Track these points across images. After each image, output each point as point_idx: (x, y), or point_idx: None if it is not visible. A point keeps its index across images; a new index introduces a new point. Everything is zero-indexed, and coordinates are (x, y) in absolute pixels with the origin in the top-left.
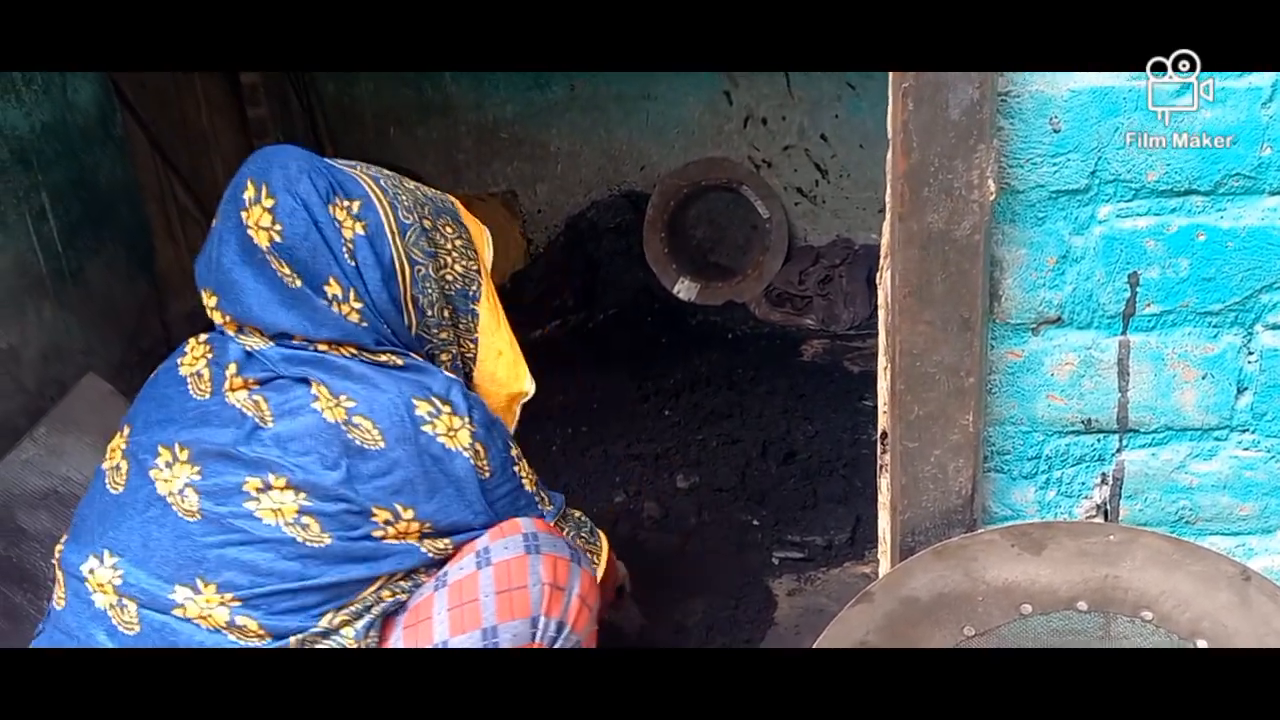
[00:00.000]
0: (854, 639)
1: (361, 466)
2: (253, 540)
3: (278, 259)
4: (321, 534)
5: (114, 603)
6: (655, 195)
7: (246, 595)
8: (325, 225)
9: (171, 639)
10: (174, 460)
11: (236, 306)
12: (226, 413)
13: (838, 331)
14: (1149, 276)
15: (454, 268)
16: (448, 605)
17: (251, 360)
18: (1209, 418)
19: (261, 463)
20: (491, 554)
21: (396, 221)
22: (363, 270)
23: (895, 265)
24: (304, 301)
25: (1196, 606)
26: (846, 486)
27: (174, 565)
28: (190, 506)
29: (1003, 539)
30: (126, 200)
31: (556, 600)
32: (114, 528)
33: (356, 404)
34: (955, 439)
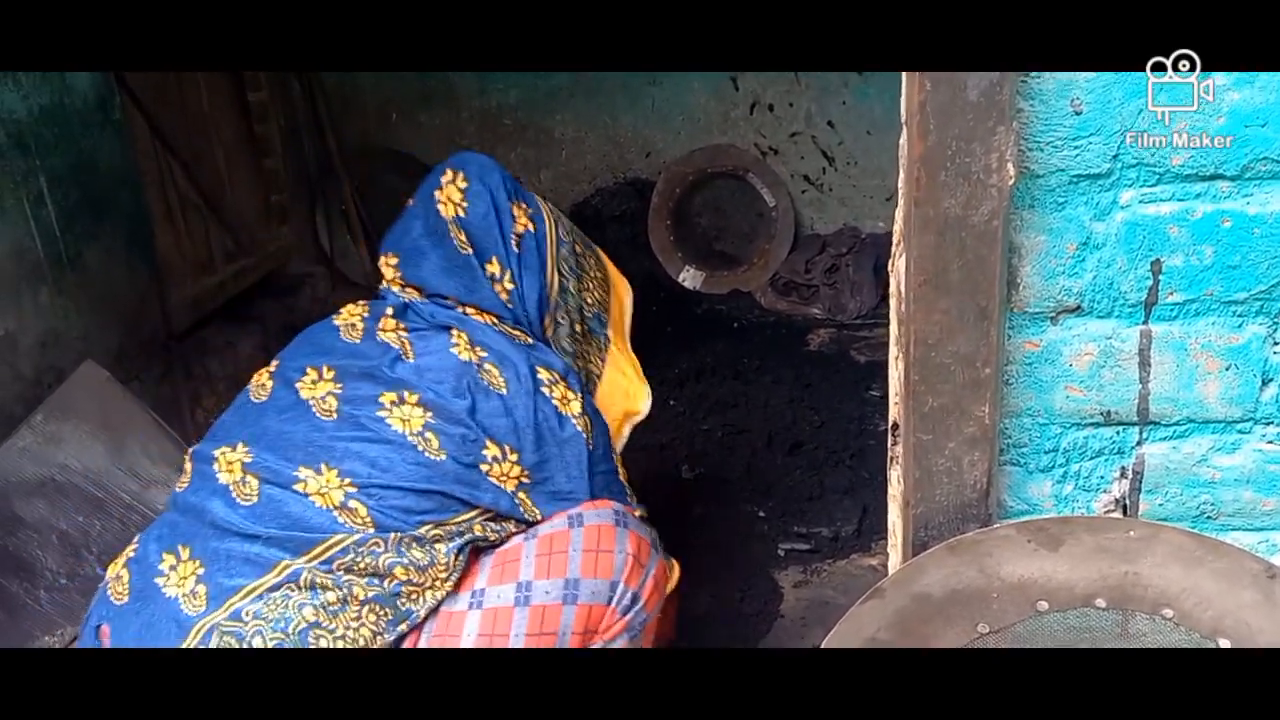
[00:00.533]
0: (864, 636)
1: (485, 403)
2: (379, 439)
3: (458, 229)
4: (440, 450)
5: (238, 479)
6: (660, 183)
7: (363, 483)
8: (503, 213)
9: (285, 509)
10: (320, 378)
11: (410, 267)
12: (374, 347)
13: (844, 321)
14: (1172, 264)
15: (594, 292)
16: (537, 551)
17: (406, 310)
18: (1232, 410)
19: (399, 382)
20: (584, 518)
21: (556, 235)
22: (523, 259)
23: (910, 252)
24: (468, 270)
25: (1219, 605)
26: (853, 477)
27: (303, 451)
28: (329, 408)
29: (1019, 534)
30: (126, 186)
31: (636, 573)
32: (252, 425)
33: (489, 354)
34: (970, 431)
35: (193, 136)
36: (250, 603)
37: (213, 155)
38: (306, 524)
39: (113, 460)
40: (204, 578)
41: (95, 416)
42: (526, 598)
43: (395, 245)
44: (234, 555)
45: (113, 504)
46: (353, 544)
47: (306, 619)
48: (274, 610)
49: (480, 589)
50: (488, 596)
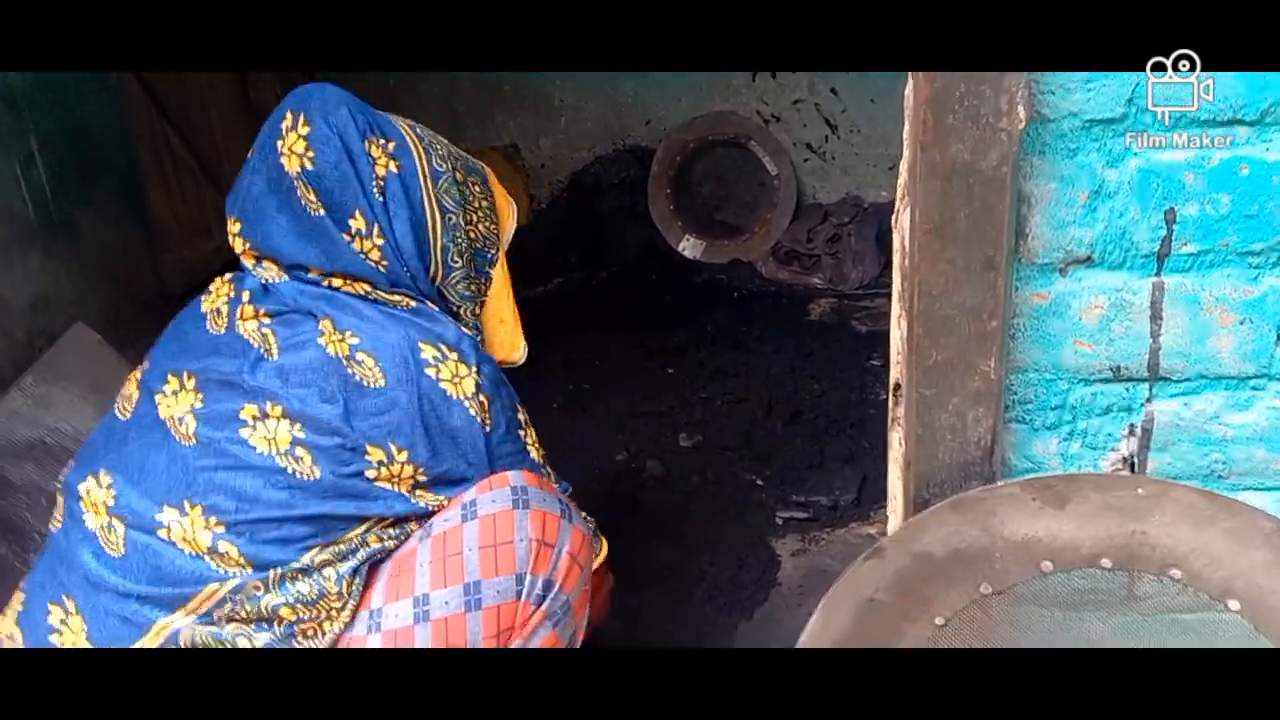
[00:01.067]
0: (863, 596)
1: (359, 403)
2: (243, 466)
3: (306, 186)
4: (313, 467)
5: (104, 523)
6: (661, 150)
7: (231, 520)
8: (358, 157)
9: (154, 560)
10: (180, 389)
11: (257, 234)
12: (236, 344)
13: (846, 291)
14: (1186, 213)
15: (479, 226)
16: (430, 558)
17: (266, 293)
18: (1246, 365)
19: (261, 391)
20: (478, 507)
21: (430, 167)
22: (390, 207)
23: (915, 200)
24: (324, 233)
25: (1229, 565)
26: (853, 446)
27: (165, 487)
28: (187, 431)
29: (1023, 492)
30: (119, 149)
31: (544, 557)
32: (115, 450)
33: (360, 340)
34: (975, 386)
35: (188, 102)
36: None
37: (208, 120)
38: (177, 575)
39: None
40: (89, 635)
41: (85, 379)
42: (426, 613)
43: (236, 206)
44: (111, 613)
45: None
46: (228, 593)
47: None
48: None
49: (378, 608)
50: (385, 617)
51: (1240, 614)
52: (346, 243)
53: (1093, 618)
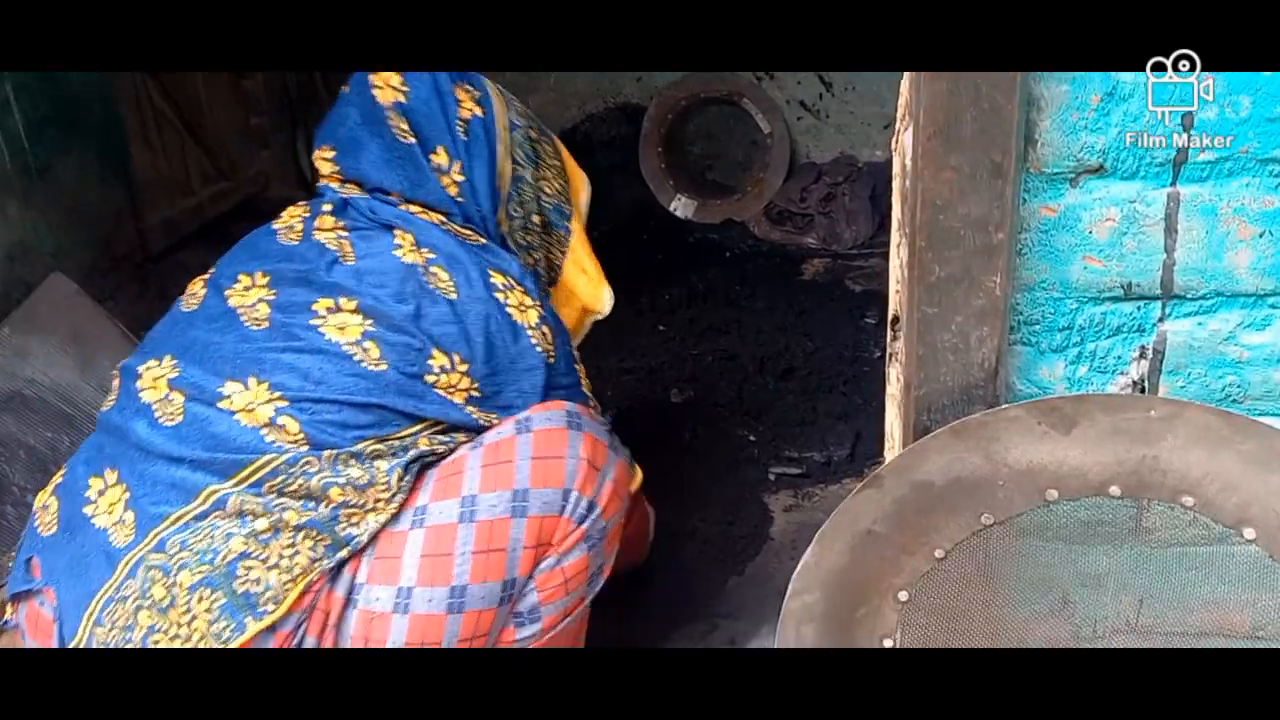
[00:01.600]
0: (860, 528)
1: (430, 309)
2: (312, 349)
3: (399, 116)
4: (380, 360)
5: (162, 396)
6: (652, 108)
7: (294, 396)
8: (447, 96)
9: (210, 429)
10: (252, 285)
11: (349, 159)
12: (312, 249)
13: (840, 251)
14: (1205, 117)
15: (553, 182)
16: (481, 462)
17: (346, 207)
18: (1264, 282)
19: (336, 287)
20: (533, 422)
21: (508, 120)
22: (471, 147)
23: (919, 102)
24: (411, 161)
25: (1245, 490)
26: (847, 404)
27: (231, 363)
28: (259, 316)
29: (1028, 415)
30: (99, 99)
31: (591, 479)
32: (179, 336)
33: (436, 255)
34: (980, 304)
35: None
36: (176, 532)
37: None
38: (233, 444)
39: (82, 375)
40: (130, 503)
41: (64, 330)
42: (472, 513)
43: (330, 136)
44: (159, 480)
45: (82, 419)
46: (283, 464)
47: (234, 550)
48: (200, 540)
49: (423, 505)
50: (430, 513)
51: (1256, 543)
52: (431, 172)
53: (1098, 551)
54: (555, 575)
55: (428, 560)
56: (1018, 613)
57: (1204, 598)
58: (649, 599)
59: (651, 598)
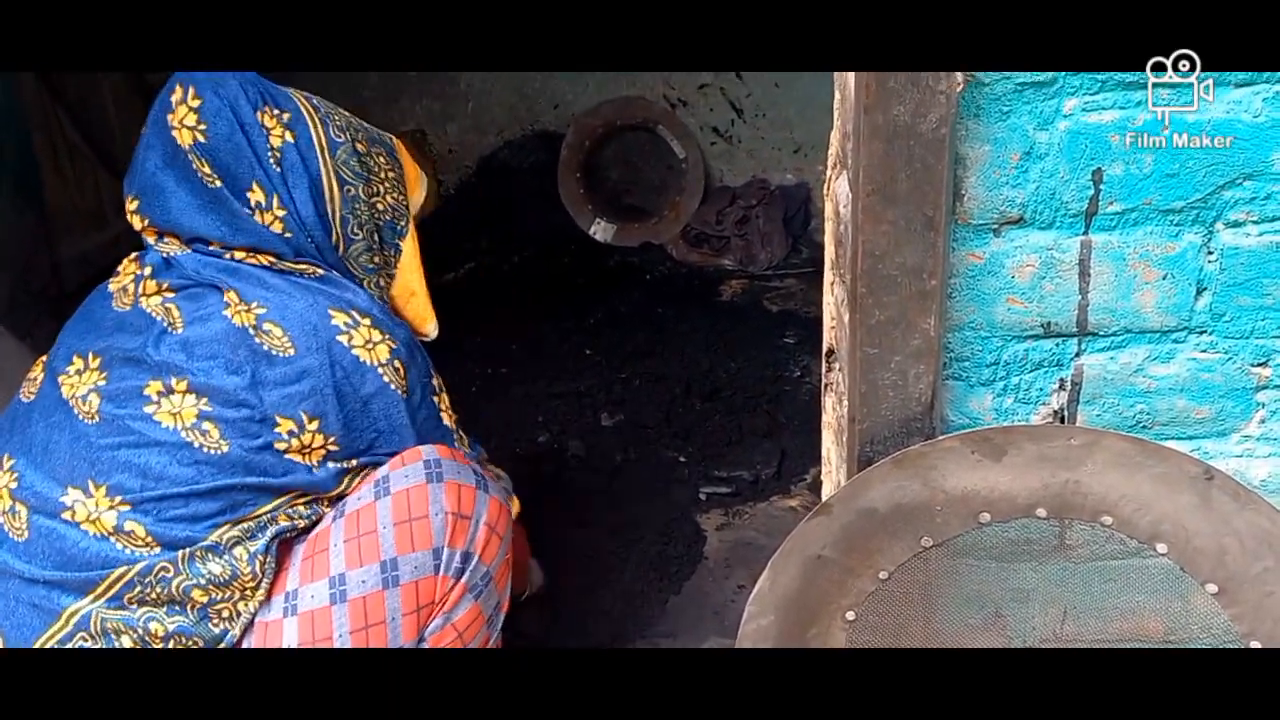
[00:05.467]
0: (810, 553)
1: (268, 372)
2: (147, 443)
3: (200, 159)
4: (220, 440)
5: (7, 508)
6: (570, 135)
7: (136, 499)
8: (251, 128)
9: (58, 544)
10: (85, 368)
11: (156, 210)
12: (140, 319)
13: (755, 272)
14: (1113, 173)
15: (385, 198)
16: (344, 536)
17: (168, 267)
18: (1168, 319)
19: (165, 366)
20: (391, 482)
21: (327, 138)
22: (289, 177)
23: (859, 162)
24: (223, 205)
25: (1157, 509)
26: (771, 422)
27: (68, 467)
28: (90, 409)
29: (963, 445)
30: (11, 132)
31: (461, 530)
32: (19, 433)
33: (268, 310)
34: (916, 344)
35: (80, 84)
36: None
37: (102, 104)
38: (83, 559)
39: None
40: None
41: None
42: (343, 593)
43: (133, 184)
44: (20, 600)
45: None
46: (137, 575)
47: None
48: None
49: (293, 590)
50: (301, 598)
51: (1168, 556)
52: (248, 215)
53: (1027, 568)
54: (447, 633)
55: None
56: (955, 627)
57: (1122, 607)
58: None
59: (592, 619)
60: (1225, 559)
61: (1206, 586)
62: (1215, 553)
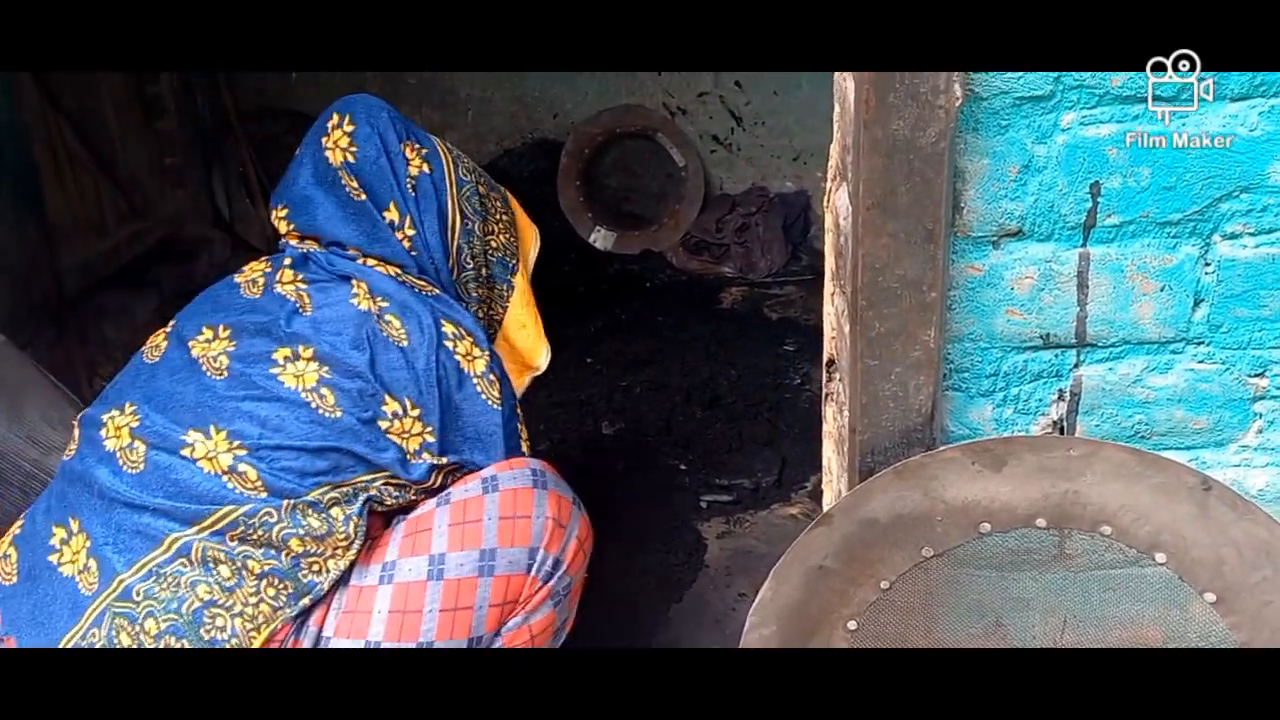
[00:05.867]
0: (812, 563)
1: (384, 355)
2: (270, 397)
3: (349, 175)
4: (335, 406)
5: (125, 445)
6: (569, 143)
7: (253, 445)
8: (395, 155)
9: (173, 476)
10: (215, 337)
11: (304, 218)
12: (272, 301)
13: (755, 279)
14: (1110, 186)
15: (500, 236)
16: (449, 521)
17: (305, 261)
18: (1165, 330)
19: (294, 337)
20: (499, 481)
21: (456, 175)
22: (421, 203)
23: (859, 175)
24: (365, 215)
25: (1156, 519)
26: (771, 430)
27: (192, 413)
28: (219, 366)
29: (963, 456)
30: (12, 142)
31: (558, 537)
32: (143, 386)
33: (389, 304)
34: (916, 355)
35: (81, 94)
36: (140, 580)
37: (102, 114)
38: (195, 492)
39: (9, 426)
40: (93, 551)
41: None
42: (440, 571)
43: (283, 196)
44: (123, 527)
45: (12, 472)
46: (242, 516)
47: (200, 597)
48: (166, 589)
49: (391, 561)
50: (399, 570)
51: (1166, 566)
52: (385, 226)
53: (1027, 577)
54: (522, 633)
55: (395, 616)
56: (956, 636)
57: (1121, 616)
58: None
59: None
60: (1223, 568)
61: (1205, 596)
62: (1213, 562)
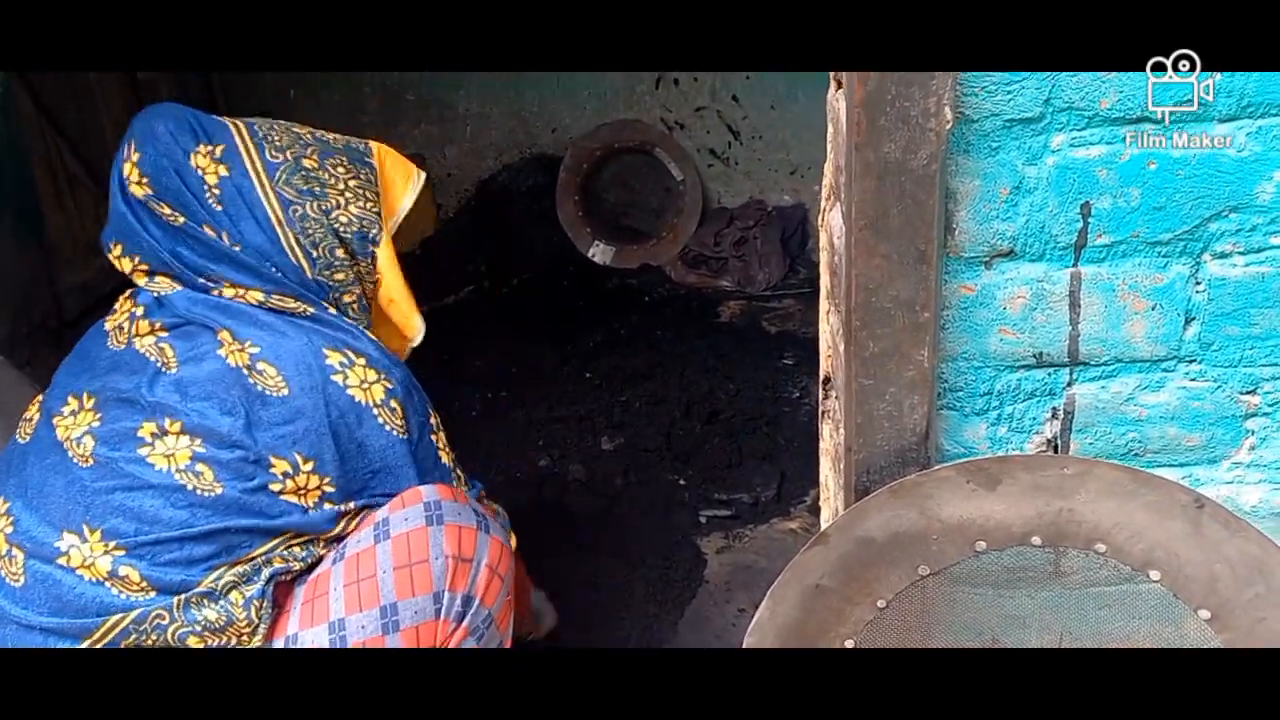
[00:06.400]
0: (809, 582)
1: (262, 413)
2: (141, 486)
3: (157, 204)
4: (214, 482)
5: (3, 553)
6: (568, 158)
7: (130, 543)
8: (186, 173)
9: (54, 590)
10: (80, 409)
11: (139, 248)
12: (134, 360)
13: (754, 293)
14: (1101, 206)
15: (348, 209)
16: (344, 581)
17: (160, 306)
18: (1157, 349)
19: (159, 407)
20: (390, 526)
21: (262, 161)
22: (230, 211)
23: (851, 197)
24: (191, 235)
25: (1149, 537)
26: (770, 444)
27: (63, 511)
28: (85, 452)
29: (958, 475)
30: (11, 163)
31: (462, 573)
32: (15, 475)
33: (261, 349)
34: (910, 375)
35: (80, 114)
36: None
37: (101, 134)
38: (78, 605)
39: None
40: None
41: None
42: (343, 638)
43: (111, 233)
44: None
45: None
46: (132, 623)
47: None
48: None
49: (293, 634)
50: (301, 643)
51: (1160, 583)
52: (214, 242)
53: (1022, 595)
54: None
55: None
56: None
57: (1116, 632)
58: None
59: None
60: (1217, 585)
61: (1199, 612)
62: (1207, 579)
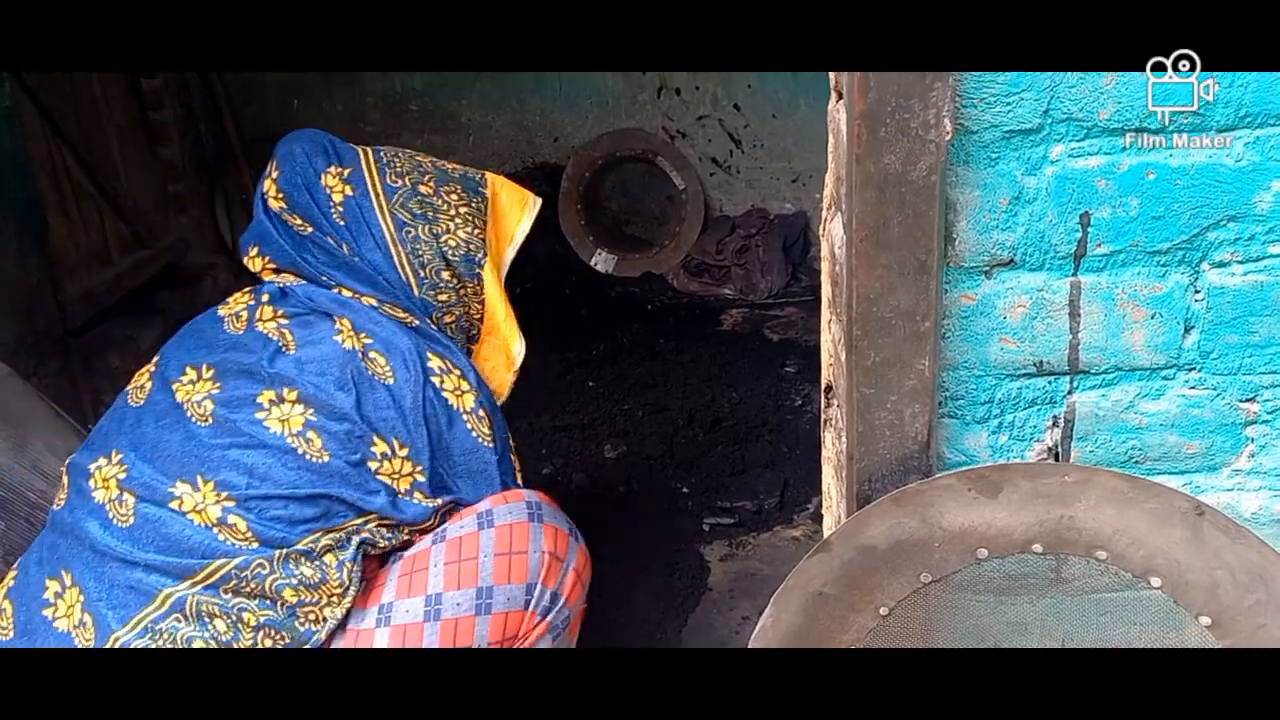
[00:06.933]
0: (812, 589)
1: (370, 395)
2: (256, 444)
3: (290, 215)
4: (322, 450)
5: (114, 497)
6: (570, 167)
7: (241, 495)
8: (317, 191)
9: (163, 530)
10: (199, 378)
11: (272, 248)
12: (255, 340)
13: (756, 300)
14: (1100, 216)
15: (456, 233)
16: (445, 559)
17: (284, 296)
18: (1157, 357)
19: (278, 378)
20: (495, 516)
21: (383, 184)
22: (351, 228)
23: (852, 208)
24: (316, 244)
25: (1150, 544)
26: (773, 451)
27: (179, 463)
28: (204, 413)
29: (960, 483)
30: (15, 172)
31: (554, 570)
32: (129, 433)
33: (374, 340)
34: (912, 384)
35: (84, 123)
36: (135, 636)
37: (105, 143)
38: (186, 546)
39: (15, 457)
40: (88, 606)
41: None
42: (438, 611)
43: (251, 238)
44: (116, 583)
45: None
46: (235, 569)
47: None
48: (162, 645)
49: (388, 603)
50: (395, 611)
51: (1161, 590)
52: (336, 251)
53: (1023, 601)
54: None
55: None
56: None
57: (1117, 639)
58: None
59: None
60: (1217, 592)
61: (1200, 619)
62: (1208, 586)
